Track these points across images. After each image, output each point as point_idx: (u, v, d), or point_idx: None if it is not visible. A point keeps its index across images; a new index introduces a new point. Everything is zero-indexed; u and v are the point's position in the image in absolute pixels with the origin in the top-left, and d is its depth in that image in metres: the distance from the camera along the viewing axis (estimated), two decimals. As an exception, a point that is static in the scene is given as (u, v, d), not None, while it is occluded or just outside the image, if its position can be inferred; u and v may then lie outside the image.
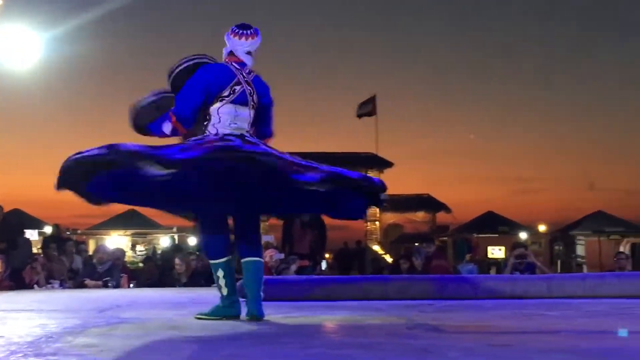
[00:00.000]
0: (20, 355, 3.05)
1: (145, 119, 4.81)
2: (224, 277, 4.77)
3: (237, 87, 4.74)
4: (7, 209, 21.29)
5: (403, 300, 6.49)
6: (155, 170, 4.11)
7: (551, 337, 3.74)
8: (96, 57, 31.94)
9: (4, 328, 4.25)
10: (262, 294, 4.75)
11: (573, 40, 44.44)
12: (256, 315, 4.66)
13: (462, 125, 47.07)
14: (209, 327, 4.18)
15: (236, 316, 4.74)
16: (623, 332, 3.69)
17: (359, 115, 28.94)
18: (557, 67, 44.84)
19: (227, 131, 4.66)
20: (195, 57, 4.85)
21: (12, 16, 13.94)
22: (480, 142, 46.93)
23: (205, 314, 4.74)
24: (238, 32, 4.89)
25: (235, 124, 4.72)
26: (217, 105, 4.68)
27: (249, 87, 4.79)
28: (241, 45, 4.86)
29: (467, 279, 7.70)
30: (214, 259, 4.81)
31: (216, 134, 4.64)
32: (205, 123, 4.71)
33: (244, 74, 4.81)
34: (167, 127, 4.71)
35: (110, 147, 4.24)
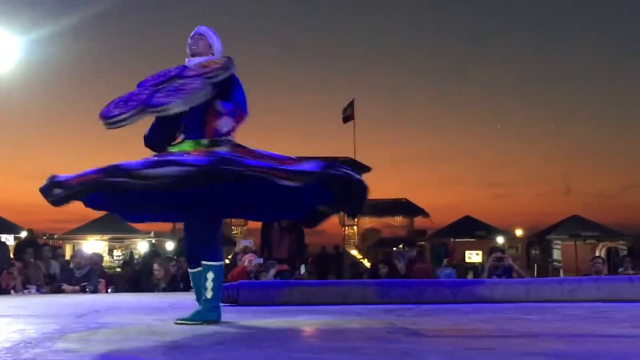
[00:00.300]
0: (-1, 360, 3.03)
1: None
2: (212, 280, 4.77)
3: None
4: (-18, 213, 21.24)
5: (382, 305, 6.51)
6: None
7: (531, 340, 3.76)
8: (75, 60, 31.78)
9: (-19, 333, 4.21)
10: None
11: (551, 45, 44.75)
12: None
13: (439, 130, 47.21)
14: (188, 332, 4.17)
15: (216, 321, 4.74)
16: None
17: (345, 120, 28.99)
18: (534, 72, 45.16)
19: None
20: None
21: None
22: (458, 147, 47.14)
23: (185, 319, 4.73)
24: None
25: None
26: None
27: None
28: None
29: (447, 283, 7.73)
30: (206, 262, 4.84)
31: None
32: None
33: None
34: (229, 124, 4.75)
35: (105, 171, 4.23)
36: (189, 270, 5.08)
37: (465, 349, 3.35)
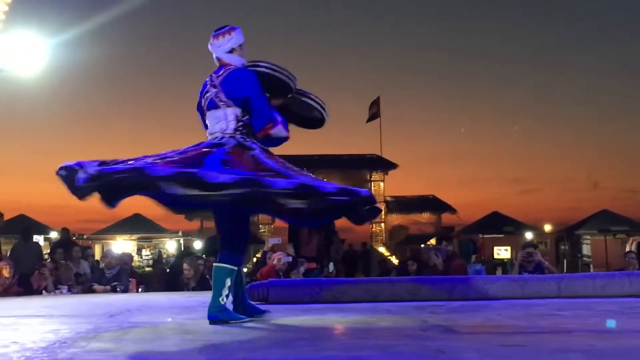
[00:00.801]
0: (36, 360, 3.06)
1: None
2: None
3: (207, 95, 4.92)
4: (12, 214, 21.48)
5: (413, 302, 6.49)
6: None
7: (565, 336, 3.73)
8: (102, 63, 31.93)
9: (17, 334, 4.25)
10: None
11: (574, 41, 44.40)
12: None
13: (466, 126, 47.03)
14: (220, 331, 4.19)
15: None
16: (611, 323, 3.80)
17: (368, 120, 28.85)
18: (559, 67, 44.74)
19: (208, 137, 4.86)
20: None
21: (18, 22, 13.95)
22: (485, 143, 46.87)
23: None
24: (216, 34, 5.03)
25: (211, 129, 4.88)
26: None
27: (214, 89, 4.87)
28: (220, 46, 4.99)
29: (478, 279, 7.68)
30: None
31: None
32: None
33: (214, 78, 4.91)
34: None
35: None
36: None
37: (500, 346, 3.33)
